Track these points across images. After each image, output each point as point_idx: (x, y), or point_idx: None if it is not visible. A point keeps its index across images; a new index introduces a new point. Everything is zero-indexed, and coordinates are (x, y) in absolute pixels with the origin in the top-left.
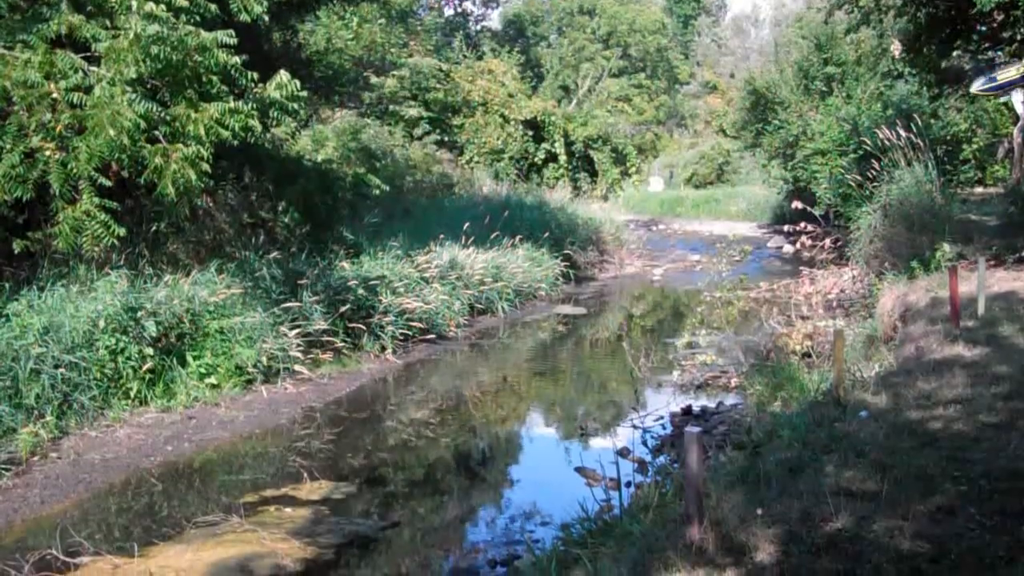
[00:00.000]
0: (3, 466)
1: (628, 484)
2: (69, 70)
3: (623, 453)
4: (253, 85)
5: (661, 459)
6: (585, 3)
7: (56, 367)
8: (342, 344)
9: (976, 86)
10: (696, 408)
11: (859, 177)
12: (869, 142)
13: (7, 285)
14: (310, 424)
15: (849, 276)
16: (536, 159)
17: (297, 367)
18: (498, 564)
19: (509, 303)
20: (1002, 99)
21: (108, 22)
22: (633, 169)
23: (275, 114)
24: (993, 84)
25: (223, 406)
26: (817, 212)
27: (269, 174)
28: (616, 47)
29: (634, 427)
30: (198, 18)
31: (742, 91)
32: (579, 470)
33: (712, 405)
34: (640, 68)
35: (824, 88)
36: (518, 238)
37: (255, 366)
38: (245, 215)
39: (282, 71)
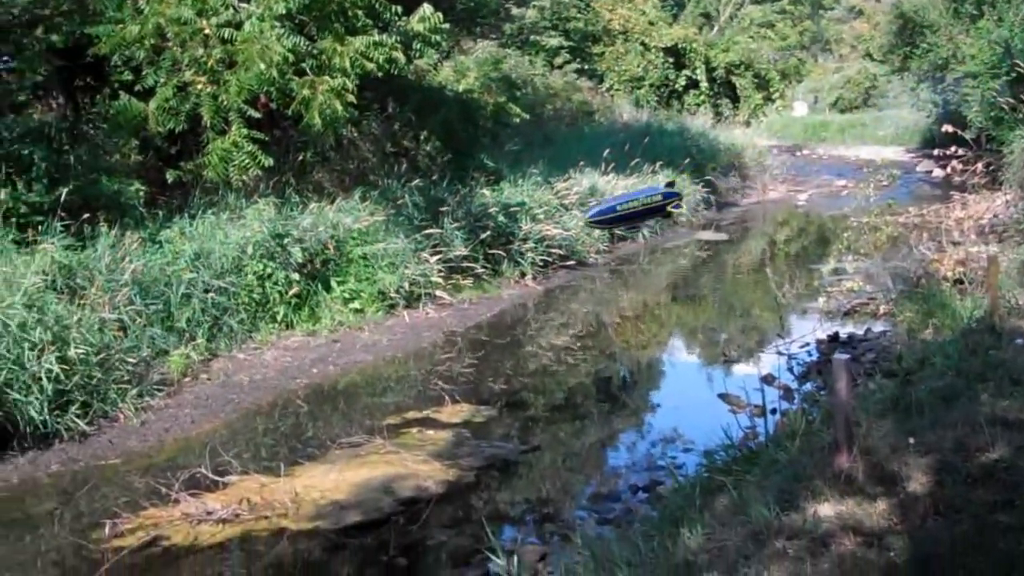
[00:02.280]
0: (155, 387)
1: (773, 411)
2: (220, 7)
3: (768, 380)
4: (397, 18)
5: (807, 386)
6: None
7: (206, 292)
8: (482, 270)
9: (589, 216)
10: (843, 335)
11: (1012, 100)
12: (1022, 64)
13: (160, 213)
14: (451, 348)
15: (1002, 201)
16: (677, 86)
17: (438, 292)
18: (640, 490)
19: (649, 229)
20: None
21: None
22: (776, 95)
23: (418, 46)
24: (612, 215)
25: (366, 330)
26: (968, 136)
27: (412, 104)
28: None
29: (779, 353)
30: None
31: (889, 15)
32: (722, 396)
33: (860, 332)
34: None
35: (975, 11)
36: (658, 164)
37: (397, 291)
38: (388, 144)
39: (425, 4)
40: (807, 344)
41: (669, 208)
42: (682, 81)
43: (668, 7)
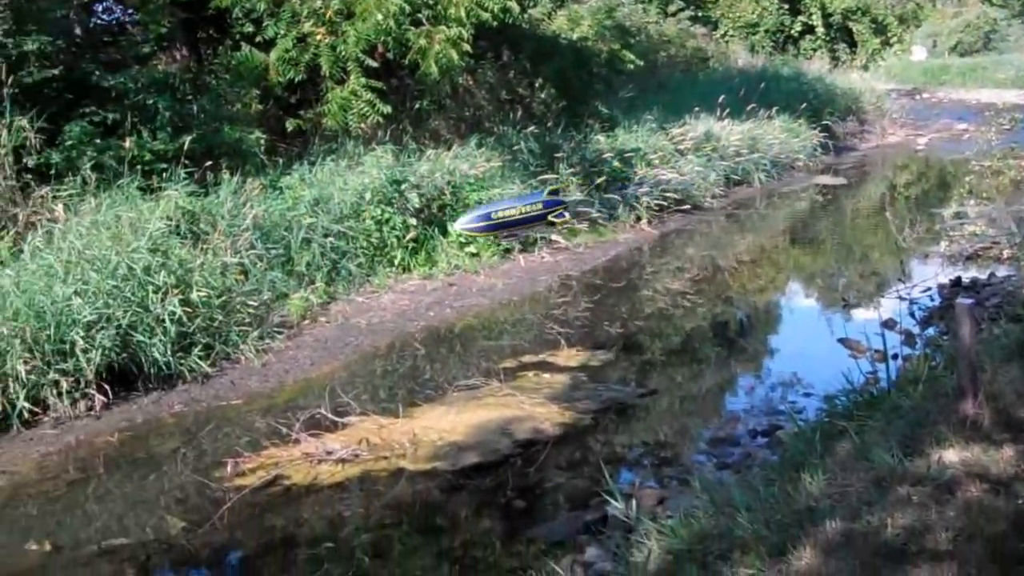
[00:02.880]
0: (276, 329)
1: (895, 356)
2: None
3: (889, 324)
4: None
5: (930, 331)
6: None
7: (325, 236)
8: (598, 214)
9: (462, 223)
10: (966, 279)
11: None
12: None
13: (280, 161)
14: (567, 292)
15: None
16: (792, 32)
17: (554, 236)
18: (759, 434)
19: (766, 174)
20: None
21: None
22: (894, 39)
23: None
24: (487, 222)
25: (482, 274)
26: None
27: (526, 52)
28: None
29: (900, 298)
30: None
31: None
32: (842, 341)
33: (983, 277)
34: None
35: None
36: (774, 109)
37: None
38: (503, 92)
39: None
40: (929, 289)
41: (551, 217)
42: (798, 27)
43: None
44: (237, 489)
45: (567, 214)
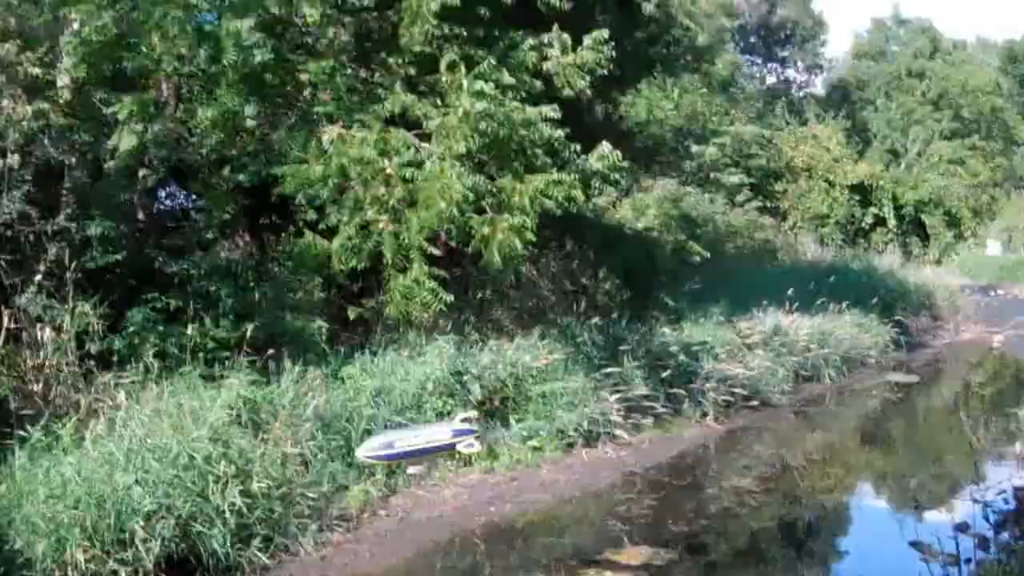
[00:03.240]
0: (335, 522)
1: (968, 561)
2: (402, 147)
3: (962, 528)
4: (576, 156)
5: (1004, 536)
6: (913, 66)
7: (386, 427)
8: (662, 409)
9: (363, 450)
10: None
11: None
12: None
13: (342, 349)
14: (630, 488)
15: None
16: (863, 223)
17: (617, 431)
18: None
19: (836, 370)
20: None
21: (439, 100)
22: (968, 232)
23: (597, 184)
24: (388, 451)
25: (544, 468)
26: None
27: (591, 242)
28: (947, 109)
29: (973, 501)
30: (523, 94)
31: None
32: (914, 544)
33: None
34: (974, 129)
35: None
36: (844, 304)
37: (576, 430)
38: (567, 282)
39: (604, 142)
40: (1003, 491)
41: (461, 448)
42: (869, 219)
43: (853, 144)
44: None
45: (477, 444)
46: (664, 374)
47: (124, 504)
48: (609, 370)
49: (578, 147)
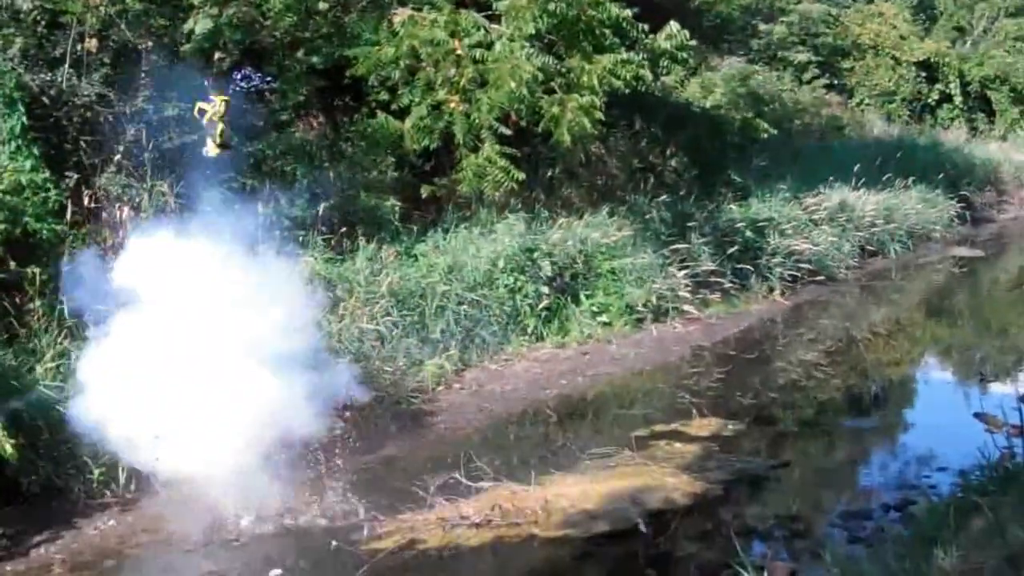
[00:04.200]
0: (412, 395)
1: None
2: (472, 28)
3: None
4: (644, 36)
5: None
6: None
7: (459, 304)
8: (730, 285)
9: None
10: None
11: None
12: None
13: (415, 228)
14: (699, 362)
15: None
16: (929, 100)
17: (685, 307)
18: (892, 508)
19: (901, 244)
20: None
21: None
22: None
23: (665, 63)
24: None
25: (614, 343)
26: None
27: (658, 120)
28: None
29: None
30: None
31: None
32: (978, 415)
33: None
34: None
35: None
36: (910, 179)
37: (645, 305)
38: (635, 160)
39: (672, 22)
40: None
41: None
42: (935, 95)
43: (919, 21)
44: (372, 553)
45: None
46: (731, 250)
47: None
48: (677, 246)
49: (646, 27)
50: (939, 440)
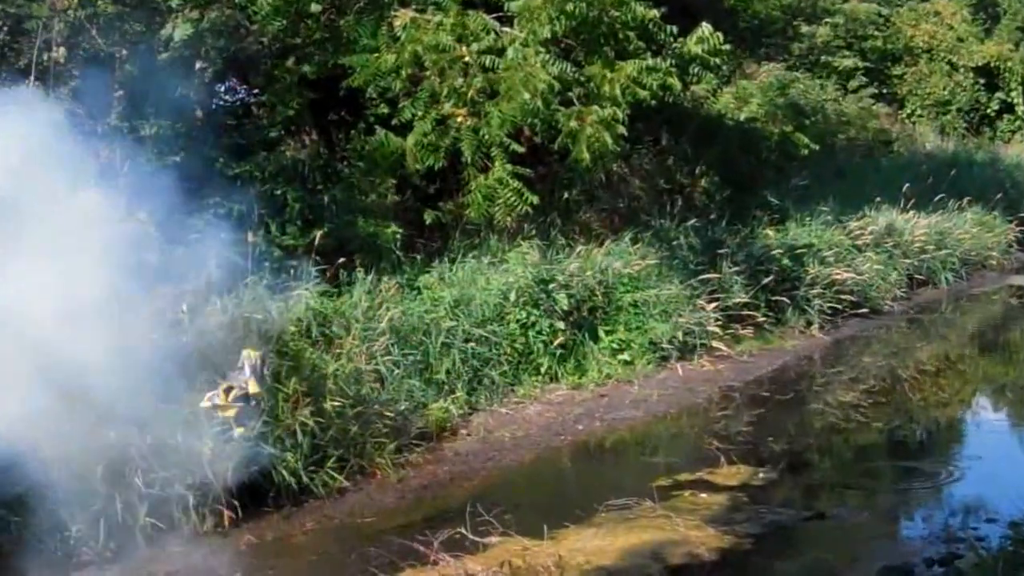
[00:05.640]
0: (414, 441)
1: None
2: (481, 32)
3: None
4: (672, 40)
5: None
6: None
7: (466, 341)
8: (764, 319)
9: None
10: None
11: None
12: None
13: (418, 257)
14: (728, 404)
15: None
16: (989, 111)
17: (715, 343)
18: (936, 563)
19: (953, 273)
20: None
21: None
22: None
23: (695, 70)
24: None
25: (636, 383)
26: None
27: (687, 135)
28: None
29: None
30: None
31: None
32: None
33: None
34: None
35: None
36: (966, 200)
37: (670, 342)
38: (661, 180)
39: (704, 23)
40: None
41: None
42: (995, 105)
43: (980, 21)
44: None
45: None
46: (766, 280)
47: None
48: (706, 276)
49: (675, 29)
50: (989, 489)
